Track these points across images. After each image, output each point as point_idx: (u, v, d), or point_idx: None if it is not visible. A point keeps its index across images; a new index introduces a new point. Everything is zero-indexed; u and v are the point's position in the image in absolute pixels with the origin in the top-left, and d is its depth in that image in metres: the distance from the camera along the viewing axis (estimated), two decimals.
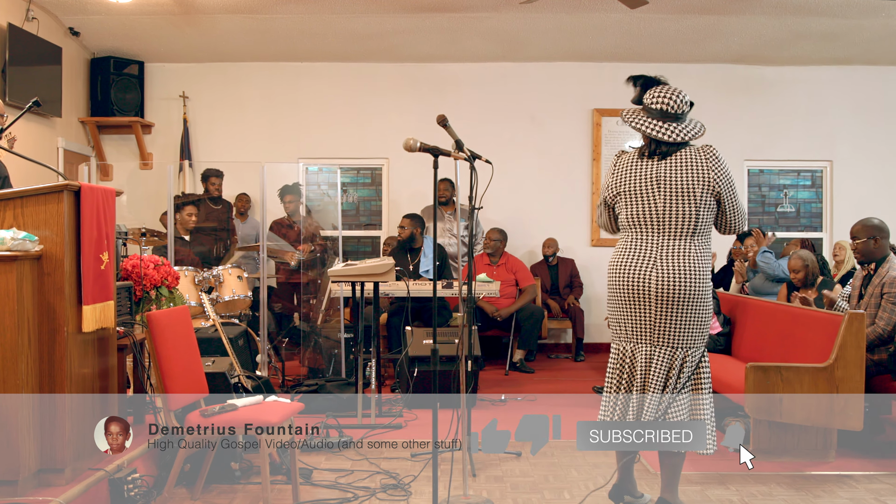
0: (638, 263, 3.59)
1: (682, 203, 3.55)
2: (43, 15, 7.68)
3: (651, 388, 3.56)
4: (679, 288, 3.52)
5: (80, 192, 3.73)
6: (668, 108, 3.61)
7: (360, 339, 5.69)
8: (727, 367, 5.51)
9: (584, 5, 7.69)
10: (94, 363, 3.98)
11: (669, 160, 3.60)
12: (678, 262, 3.55)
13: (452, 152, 3.96)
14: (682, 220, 3.56)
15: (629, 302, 3.61)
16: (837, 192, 9.39)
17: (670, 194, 3.56)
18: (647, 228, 3.62)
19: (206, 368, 4.24)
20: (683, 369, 3.58)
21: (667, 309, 3.54)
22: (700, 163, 3.57)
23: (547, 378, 7.60)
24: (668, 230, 3.58)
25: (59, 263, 3.65)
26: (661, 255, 3.56)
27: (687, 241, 3.58)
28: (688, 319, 3.56)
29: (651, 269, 3.55)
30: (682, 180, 3.56)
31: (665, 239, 3.58)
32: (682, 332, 3.57)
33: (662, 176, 3.58)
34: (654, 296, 3.54)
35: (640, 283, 3.56)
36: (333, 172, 9.22)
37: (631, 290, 3.59)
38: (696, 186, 3.55)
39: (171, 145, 9.17)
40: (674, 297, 3.52)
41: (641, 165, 3.65)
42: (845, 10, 7.72)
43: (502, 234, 8.34)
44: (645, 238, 3.62)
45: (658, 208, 3.57)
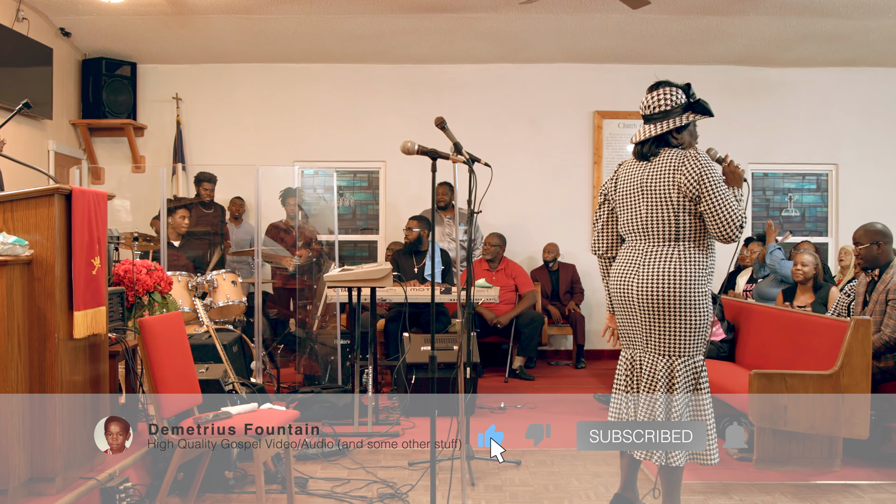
0: (625, 271, 3.65)
1: (662, 208, 3.55)
2: (33, 15, 7.70)
3: (646, 394, 3.60)
4: (662, 295, 3.51)
5: (72, 196, 3.73)
6: (646, 111, 3.65)
7: (356, 346, 5.69)
8: (731, 375, 5.51)
9: (584, 6, 7.70)
10: (86, 370, 3.98)
11: (652, 165, 3.60)
12: (660, 268, 3.53)
13: (451, 155, 3.97)
14: (662, 225, 3.56)
15: (620, 309, 3.72)
16: (843, 196, 9.40)
17: (652, 200, 3.58)
18: (636, 235, 3.66)
19: (199, 375, 4.25)
20: (675, 377, 3.56)
21: (653, 317, 3.56)
22: (676, 167, 3.51)
23: (547, 385, 7.60)
24: (651, 237, 3.60)
25: (50, 268, 3.66)
26: (643, 262, 3.59)
27: (670, 248, 3.55)
28: (676, 327, 3.53)
29: (633, 277, 3.59)
30: (660, 185, 3.55)
31: (649, 246, 3.60)
32: (672, 341, 3.55)
33: (646, 181, 3.61)
34: (637, 303, 3.59)
35: (626, 291, 3.63)
36: (329, 176, 9.23)
37: (621, 298, 3.67)
38: (672, 190, 3.52)
39: (163, 148, 9.19)
40: (658, 305, 3.52)
41: (633, 171, 3.69)
42: (851, 10, 7.74)
43: (501, 238, 8.35)
44: (634, 245, 3.67)
45: (643, 215, 3.60)
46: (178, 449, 3.70)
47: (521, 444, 5.34)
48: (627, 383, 3.74)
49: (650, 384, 3.60)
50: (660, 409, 3.55)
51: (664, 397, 3.55)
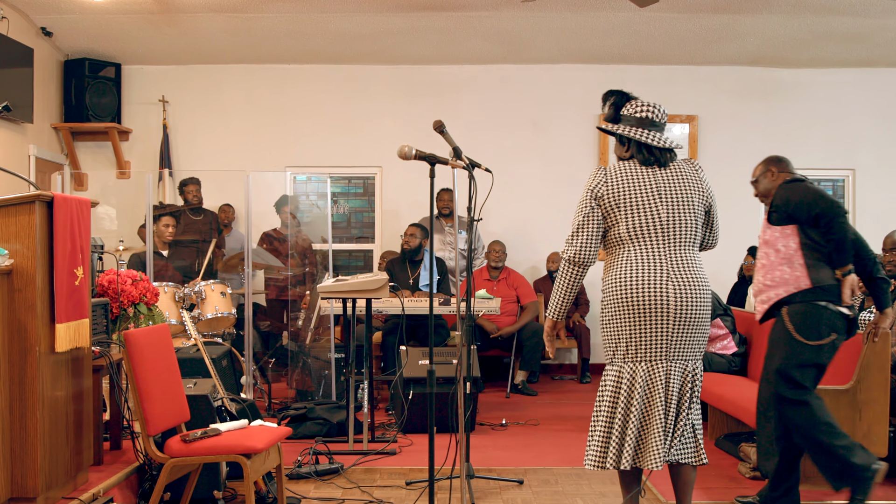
0: (652, 277, 3.60)
1: (685, 213, 3.66)
2: (13, 14, 7.73)
3: (664, 406, 3.58)
4: (697, 301, 3.61)
5: (53, 203, 3.75)
6: (653, 117, 3.75)
7: (351, 360, 5.70)
8: (743, 390, 5.51)
9: (589, 4, 7.74)
10: (68, 385, 3.99)
11: (669, 170, 3.72)
12: (694, 274, 3.64)
13: (450, 160, 3.99)
14: (686, 230, 3.66)
15: (645, 318, 3.60)
16: (860, 203, 9.42)
17: (673, 204, 3.66)
18: (652, 240, 3.65)
19: (187, 391, 4.25)
20: (695, 381, 3.68)
21: (685, 322, 3.60)
22: (694, 175, 3.75)
23: (551, 401, 7.61)
24: (674, 241, 3.64)
25: (31, 279, 3.67)
26: (674, 268, 3.61)
27: (693, 252, 3.69)
28: (701, 331, 3.67)
29: (667, 282, 3.58)
30: (682, 190, 3.69)
31: (673, 250, 3.63)
32: (695, 344, 3.67)
33: (662, 185, 3.68)
34: (672, 310, 3.57)
35: (657, 298, 3.58)
36: (323, 182, 9.26)
37: (647, 306, 3.59)
38: (694, 197, 3.69)
39: (149, 153, 9.21)
40: (692, 311, 3.61)
41: (640, 174, 3.71)
42: (868, 9, 7.77)
43: (502, 247, 8.36)
44: (651, 250, 3.65)
45: (662, 218, 3.63)
46: (165, 468, 3.71)
47: (523, 462, 5.36)
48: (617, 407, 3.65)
49: (675, 390, 3.61)
50: (686, 412, 3.66)
51: (688, 400, 3.66)
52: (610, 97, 3.88)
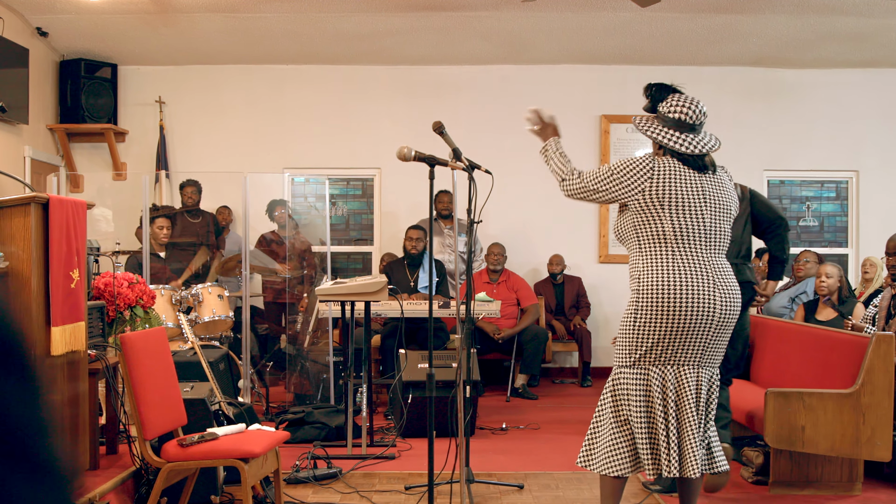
0: (702, 283, 3.54)
1: (725, 221, 3.70)
2: (8, 14, 7.73)
3: (695, 411, 3.57)
4: (735, 309, 3.65)
5: (49, 205, 3.76)
6: (686, 118, 3.64)
7: (350, 363, 5.70)
8: (746, 393, 5.52)
9: (591, 4, 7.75)
10: (64, 389, 4.00)
11: (713, 178, 3.69)
12: (732, 282, 3.67)
13: (450, 162, 4.00)
14: (724, 238, 3.69)
15: (685, 323, 3.52)
16: (864, 204, 9.42)
17: (715, 212, 3.65)
18: (695, 245, 3.58)
19: (184, 395, 4.26)
20: (713, 386, 3.70)
21: (721, 330, 3.63)
22: (730, 185, 3.77)
23: (551, 405, 7.62)
24: (714, 248, 3.64)
25: (26, 281, 3.68)
26: (718, 276, 3.61)
27: (725, 261, 3.72)
28: (727, 340, 3.72)
29: (714, 290, 3.55)
30: (723, 198, 3.69)
31: (715, 256, 3.64)
32: (722, 350, 3.71)
33: (708, 192, 3.64)
34: (716, 317, 3.55)
35: (705, 304, 3.53)
36: (322, 184, 9.25)
37: (692, 312, 3.51)
38: (731, 206, 3.72)
39: (146, 154, 9.21)
40: (731, 319, 3.65)
41: (689, 176, 3.63)
42: (872, 9, 7.78)
43: (502, 249, 8.36)
44: (694, 255, 3.58)
45: (706, 224, 3.60)
46: (162, 472, 3.71)
47: (523, 467, 5.36)
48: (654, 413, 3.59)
49: (704, 396, 3.64)
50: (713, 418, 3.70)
51: (713, 406, 3.69)
52: (652, 88, 3.80)
